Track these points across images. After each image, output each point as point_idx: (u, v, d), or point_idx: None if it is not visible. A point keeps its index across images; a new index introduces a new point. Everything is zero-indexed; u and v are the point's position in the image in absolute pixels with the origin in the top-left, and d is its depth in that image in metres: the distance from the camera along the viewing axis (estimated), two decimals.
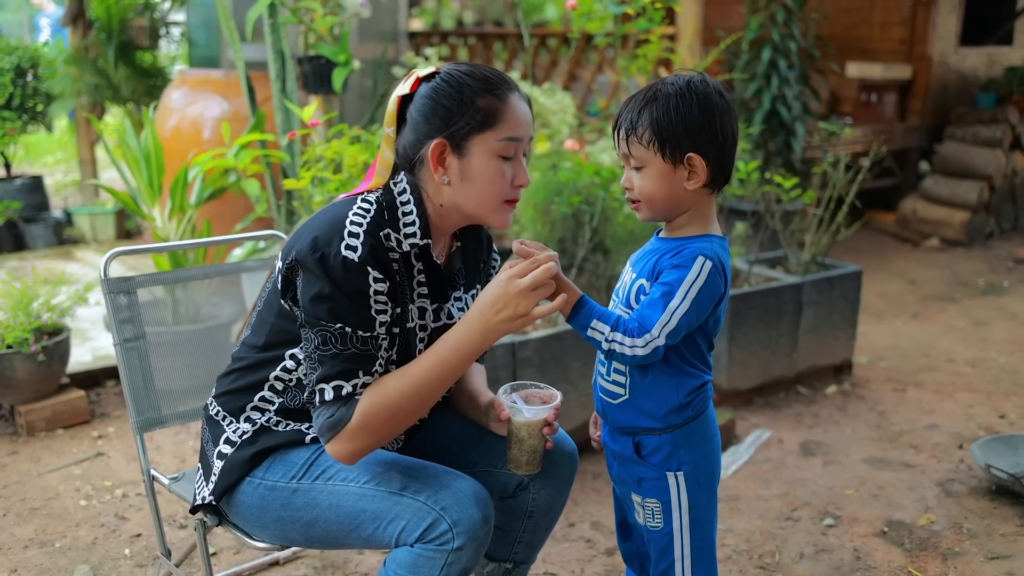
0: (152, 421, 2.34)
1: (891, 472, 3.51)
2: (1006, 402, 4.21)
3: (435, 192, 1.84)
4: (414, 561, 1.73)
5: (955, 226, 7.34)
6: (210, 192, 3.90)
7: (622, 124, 1.89)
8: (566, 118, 4.96)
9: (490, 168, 1.80)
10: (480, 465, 2.04)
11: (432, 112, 1.79)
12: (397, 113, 1.84)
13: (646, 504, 2.01)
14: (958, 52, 8.18)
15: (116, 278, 2.30)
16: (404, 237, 1.82)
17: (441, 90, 1.79)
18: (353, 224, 1.75)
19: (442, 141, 1.78)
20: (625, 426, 1.99)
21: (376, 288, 1.73)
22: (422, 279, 1.88)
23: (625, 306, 1.95)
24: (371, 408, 1.73)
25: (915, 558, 2.93)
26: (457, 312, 1.96)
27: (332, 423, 1.73)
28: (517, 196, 1.86)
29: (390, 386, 1.75)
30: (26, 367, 3.63)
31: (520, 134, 1.81)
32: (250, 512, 1.90)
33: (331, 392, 1.74)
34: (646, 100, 1.86)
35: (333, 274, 1.71)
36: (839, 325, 4.39)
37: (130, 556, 2.88)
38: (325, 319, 1.72)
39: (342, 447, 1.75)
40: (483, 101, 1.78)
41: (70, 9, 6.74)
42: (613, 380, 1.98)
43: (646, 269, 1.92)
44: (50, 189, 7.80)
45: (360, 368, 1.74)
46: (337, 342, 1.73)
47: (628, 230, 3.83)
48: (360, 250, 1.72)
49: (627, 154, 1.89)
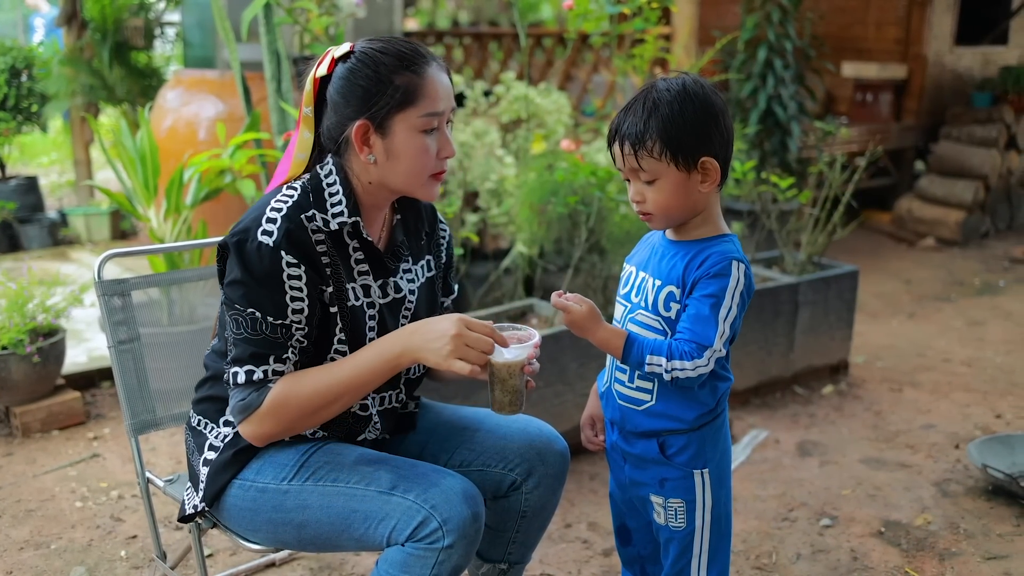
0: (147, 423, 2.33)
1: (888, 472, 3.51)
2: (1002, 402, 4.21)
3: (362, 171, 1.85)
4: (405, 560, 1.72)
5: (951, 226, 7.35)
6: (206, 193, 3.89)
7: (626, 138, 1.84)
8: (562, 118, 4.95)
9: (414, 144, 1.80)
10: (474, 464, 2.03)
11: (351, 93, 1.79)
12: (316, 94, 1.84)
13: (669, 505, 2.00)
14: (953, 51, 8.19)
15: (110, 280, 2.29)
16: (332, 217, 1.82)
17: (357, 70, 1.79)
18: (273, 210, 1.78)
19: (364, 122, 1.79)
20: (649, 430, 1.97)
21: (290, 273, 1.75)
22: (359, 257, 1.88)
23: (652, 312, 1.92)
24: (281, 398, 1.76)
25: (912, 558, 2.93)
26: (406, 284, 1.96)
27: (243, 406, 1.77)
28: (444, 168, 1.87)
29: (306, 380, 1.77)
30: (21, 368, 3.62)
31: (441, 107, 1.81)
32: (242, 515, 1.90)
33: (243, 376, 1.77)
34: (647, 111, 1.82)
35: (247, 259, 1.74)
36: (835, 325, 4.39)
37: (126, 558, 2.87)
38: (239, 303, 1.75)
39: (251, 429, 1.79)
40: (401, 78, 1.78)
41: (65, 9, 6.72)
42: (638, 387, 1.95)
43: (672, 275, 1.90)
44: (45, 190, 7.78)
45: (270, 354, 1.77)
46: (248, 327, 1.75)
47: (624, 230, 3.82)
48: (275, 235, 1.74)
49: (636, 168, 1.85)
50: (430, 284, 2.04)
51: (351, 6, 4.07)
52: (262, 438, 1.81)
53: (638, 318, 1.94)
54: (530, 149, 4.64)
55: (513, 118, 4.91)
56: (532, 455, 2.02)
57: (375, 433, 1.99)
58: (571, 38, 4.71)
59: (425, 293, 2.02)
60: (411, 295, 1.97)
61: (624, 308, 1.99)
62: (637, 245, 2.09)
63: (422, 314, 2.00)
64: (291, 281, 1.75)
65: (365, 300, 1.88)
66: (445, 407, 2.19)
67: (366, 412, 1.94)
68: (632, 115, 1.84)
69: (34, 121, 6.93)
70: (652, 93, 1.84)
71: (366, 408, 1.94)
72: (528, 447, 2.02)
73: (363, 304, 1.88)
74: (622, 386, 1.99)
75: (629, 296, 1.98)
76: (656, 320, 1.91)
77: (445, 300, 2.12)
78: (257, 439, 1.82)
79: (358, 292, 1.87)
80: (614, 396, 2.01)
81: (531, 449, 2.02)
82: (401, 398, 2.03)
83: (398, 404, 2.03)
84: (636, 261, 2.02)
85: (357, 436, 1.97)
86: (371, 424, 1.97)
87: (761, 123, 6.09)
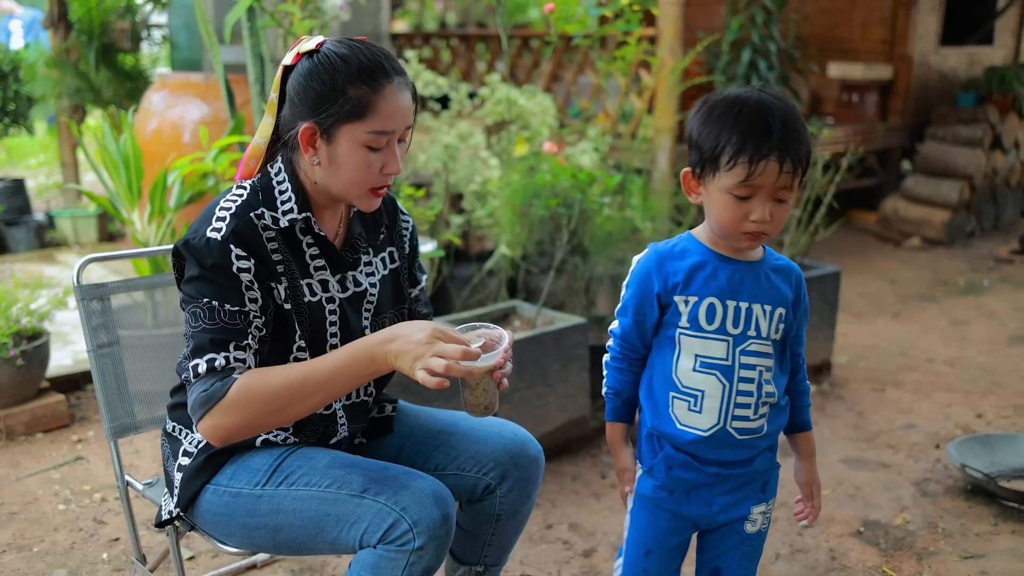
0: (126, 427, 2.34)
1: (868, 472, 3.53)
2: (984, 401, 4.24)
3: (309, 169, 1.86)
4: (376, 563, 1.73)
5: (936, 225, 7.39)
6: (189, 196, 3.90)
7: (788, 157, 1.73)
8: (546, 120, 4.97)
9: (356, 158, 1.80)
10: (449, 469, 2.05)
11: (305, 94, 1.79)
12: (282, 81, 1.85)
13: (768, 507, 2.00)
14: (939, 52, 8.23)
15: (89, 285, 2.30)
16: (282, 214, 1.84)
17: (315, 72, 1.78)
18: (222, 209, 1.80)
19: (311, 125, 1.79)
20: (768, 445, 1.96)
21: (239, 266, 1.76)
22: (314, 252, 1.89)
23: (766, 340, 1.88)
24: (247, 389, 1.72)
25: (890, 558, 2.95)
26: (365, 278, 1.97)
27: (206, 397, 1.73)
28: (387, 183, 1.86)
29: (274, 374, 1.76)
30: (5, 372, 3.62)
31: (392, 127, 1.80)
32: (216, 520, 1.91)
33: (204, 365, 1.74)
34: (800, 127, 1.75)
35: (198, 254, 1.75)
36: (818, 326, 4.41)
37: (108, 560, 2.88)
38: (195, 296, 1.76)
39: (213, 422, 1.73)
40: (355, 91, 1.77)
41: (51, 11, 6.72)
42: (761, 414, 1.90)
43: (780, 297, 1.89)
44: (32, 192, 7.77)
45: (230, 340, 1.75)
46: (206, 316, 1.75)
47: (606, 231, 3.84)
48: (224, 231, 1.76)
49: (787, 187, 1.77)
50: (394, 276, 2.05)
51: (335, 9, 4.08)
52: (223, 432, 1.75)
53: (752, 348, 1.88)
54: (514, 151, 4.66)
55: (498, 120, 4.92)
56: (506, 459, 2.03)
57: (344, 431, 2.00)
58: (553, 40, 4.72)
59: (389, 285, 2.03)
60: (372, 288, 1.97)
61: (726, 343, 1.87)
62: (684, 274, 1.88)
63: (386, 307, 2.01)
64: (242, 274, 1.76)
65: (324, 295, 1.89)
66: (422, 410, 2.20)
67: (330, 409, 1.95)
68: (787, 131, 1.74)
69: (21, 123, 6.93)
70: (780, 105, 1.77)
71: (330, 405, 1.94)
72: (502, 451, 2.04)
73: (321, 299, 1.88)
74: (745, 421, 1.89)
75: (726, 329, 1.87)
76: (768, 345, 1.88)
77: (413, 291, 2.13)
78: (217, 434, 1.75)
79: (315, 288, 1.88)
80: (731, 434, 1.89)
81: (505, 453, 2.03)
82: (370, 391, 2.03)
83: (367, 398, 2.03)
84: (713, 291, 1.87)
85: (330, 439, 1.98)
86: (338, 422, 1.97)
87: None
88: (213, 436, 1.76)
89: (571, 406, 3.58)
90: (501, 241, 4.08)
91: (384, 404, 2.15)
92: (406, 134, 1.87)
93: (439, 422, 2.14)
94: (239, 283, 1.76)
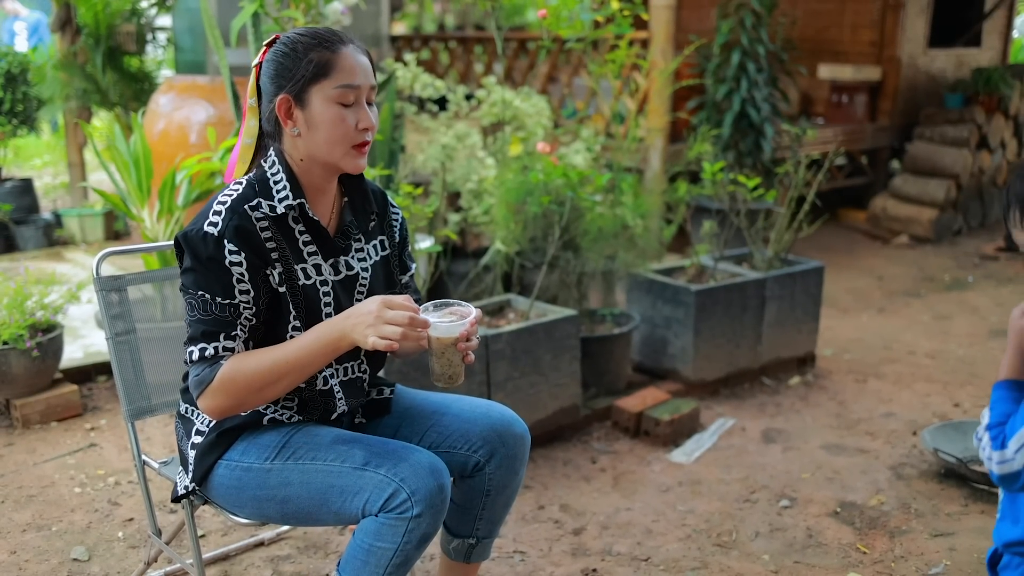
0: (143, 410, 2.50)
1: (846, 457, 3.69)
2: (961, 391, 4.40)
3: (293, 148, 2.02)
4: (379, 529, 1.90)
5: (924, 223, 7.55)
6: (196, 194, 4.06)
7: None
8: (541, 121, 5.13)
9: (330, 114, 1.96)
10: (441, 446, 2.20)
11: (275, 72, 1.98)
12: (257, 83, 2.03)
13: None
14: (927, 54, 8.38)
15: (107, 276, 2.46)
16: (278, 201, 2.00)
17: (279, 51, 1.98)
18: (219, 204, 1.96)
19: (285, 96, 1.97)
20: None
21: (231, 260, 1.92)
22: (307, 239, 2.05)
23: None
24: (230, 374, 1.92)
25: (864, 535, 3.11)
26: (357, 263, 2.12)
27: (198, 381, 1.94)
28: (366, 139, 2.02)
29: (251, 359, 1.94)
30: (21, 363, 3.78)
31: (356, 81, 1.97)
32: (229, 492, 2.08)
33: (197, 353, 1.95)
34: None
35: (195, 248, 1.92)
36: (802, 319, 4.57)
37: (123, 539, 3.05)
38: (191, 287, 1.94)
39: (206, 403, 1.95)
40: (315, 54, 1.95)
41: (58, 15, 6.86)
42: None
43: None
44: (40, 191, 7.93)
45: (220, 332, 1.94)
46: (199, 308, 1.94)
47: (597, 228, 4.00)
48: (220, 225, 1.92)
49: None
50: (385, 263, 2.21)
51: (336, 14, 4.22)
52: (216, 411, 1.96)
53: None
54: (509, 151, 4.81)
55: (494, 121, 5.08)
56: (494, 438, 2.19)
57: (343, 405, 2.15)
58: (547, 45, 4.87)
59: (380, 271, 2.19)
60: (364, 272, 2.13)
61: None
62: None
63: (378, 291, 2.16)
64: (234, 267, 1.93)
65: (317, 278, 2.05)
66: (418, 393, 2.36)
67: (327, 385, 2.11)
68: None
69: (29, 125, 7.07)
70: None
71: (327, 381, 2.11)
72: (490, 430, 2.19)
73: (315, 282, 2.04)
74: None
75: None
76: None
77: (403, 277, 2.29)
78: (212, 412, 1.96)
79: (309, 272, 2.04)
80: None
81: (492, 432, 2.19)
82: (364, 368, 2.19)
83: (361, 374, 2.19)
84: None
85: (331, 415, 2.14)
86: (336, 397, 2.13)
87: (735, 125, 6.28)
88: (209, 414, 1.98)
89: (563, 394, 3.74)
90: (496, 238, 4.23)
91: (383, 387, 2.31)
92: (372, 95, 2.03)
93: (432, 403, 2.29)
94: (231, 276, 1.93)
